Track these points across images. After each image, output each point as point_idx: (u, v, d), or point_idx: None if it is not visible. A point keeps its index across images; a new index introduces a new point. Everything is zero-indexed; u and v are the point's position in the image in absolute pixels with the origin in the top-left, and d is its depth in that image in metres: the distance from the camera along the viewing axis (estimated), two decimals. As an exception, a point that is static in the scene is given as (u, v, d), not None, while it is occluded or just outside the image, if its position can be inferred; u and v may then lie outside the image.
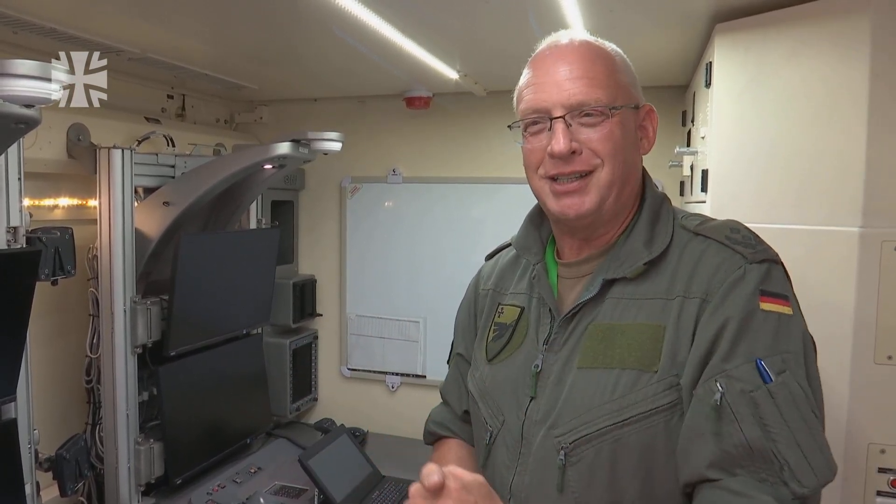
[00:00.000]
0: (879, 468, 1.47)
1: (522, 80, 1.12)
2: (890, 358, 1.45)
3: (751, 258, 0.98)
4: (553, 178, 1.07)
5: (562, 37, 1.11)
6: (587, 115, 1.04)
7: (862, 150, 1.47)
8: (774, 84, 1.64)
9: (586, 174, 1.05)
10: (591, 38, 1.11)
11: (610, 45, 1.11)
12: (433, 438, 1.36)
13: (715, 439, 0.90)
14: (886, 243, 1.45)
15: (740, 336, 0.93)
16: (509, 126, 1.14)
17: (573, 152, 1.04)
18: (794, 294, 1.00)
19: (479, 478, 0.93)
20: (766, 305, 0.94)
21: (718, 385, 0.91)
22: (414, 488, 0.92)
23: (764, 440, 0.88)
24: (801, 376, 0.92)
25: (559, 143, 1.03)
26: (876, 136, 1.46)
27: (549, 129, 1.05)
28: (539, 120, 1.07)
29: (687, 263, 1.02)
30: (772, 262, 0.99)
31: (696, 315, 0.97)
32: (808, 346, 0.96)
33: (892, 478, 1.46)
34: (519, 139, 1.12)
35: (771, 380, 0.90)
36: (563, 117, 1.04)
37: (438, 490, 0.88)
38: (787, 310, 0.96)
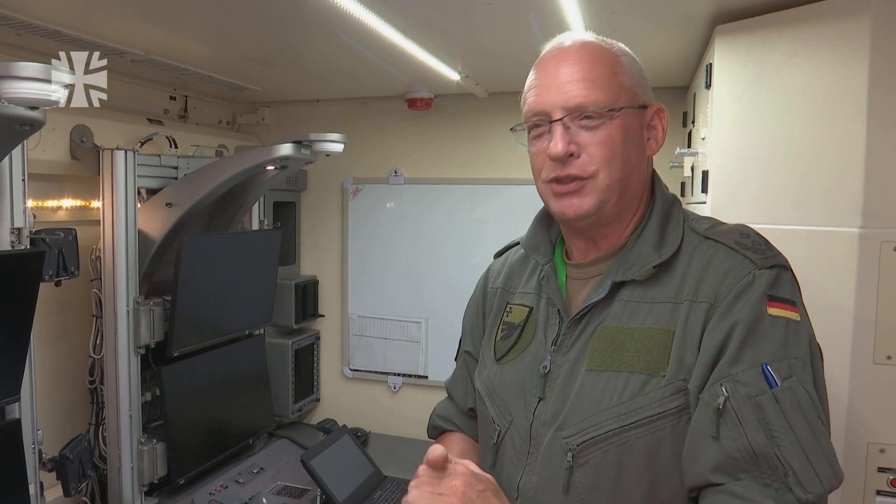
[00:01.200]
0: (879, 468, 1.47)
1: (527, 82, 1.12)
2: (889, 358, 1.46)
3: (760, 264, 0.97)
4: (554, 181, 1.07)
5: (566, 38, 1.11)
6: (587, 117, 1.03)
7: (861, 151, 1.48)
8: (774, 85, 1.64)
9: (584, 178, 1.04)
10: (596, 39, 1.10)
11: (617, 46, 1.11)
12: (437, 432, 1.37)
13: (719, 443, 0.90)
14: (885, 244, 1.45)
15: (747, 341, 0.93)
16: (511, 129, 1.13)
17: (571, 155, 1.03)
18: (801, 300, 0.99)
19: (488, 475, 0.95)
20: (773, 311, 0.94)
21: (724, 389, 0.91)
22: (421, 468, 0.93)
23: (768, 445, 0.88)
24: (808, 382, 0.92)
25: (556, 145, 1.03)
26: (875, 136, 1.47)
27: (549, 132, 1.05)
28: (540, 123, 1.07)
29: (696, 267, 1.02)
30: (781, 267, 0.99)
31: (704, 320, 0.97)
32: (815, 353, 0.96)
33: (891, 477, 1.46)
34: (523, 141, 1.12)
35: (777, 385, 0.90)
36: (561, 120, 1.03)
37: (442, 465, 0.91)
38: (794, 315, 0.95)
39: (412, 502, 0.88)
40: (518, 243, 1.31)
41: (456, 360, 1.39)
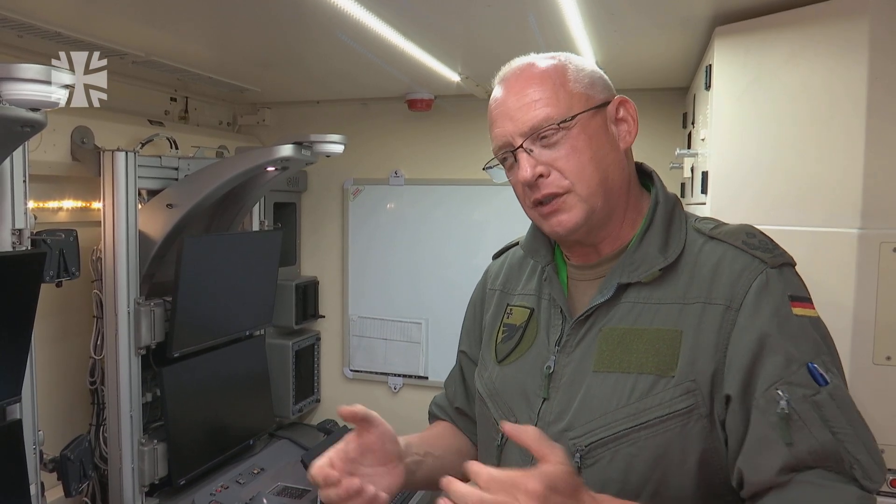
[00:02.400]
0: (879, 468, 1.48)
1: (488, 120, 1.13)
2: (889, 358, 1.46)
3: (771, 263, 0.98)
4: (538, 203, 1.08)
5: (507, 67, 1.12)
6: (544, 136, 1.04)
7: (860, 152, 1.48)
8: (774, 86, 1.65)
9: (561, 194, 1.05)
10: (534, 58, 1.11)
11: (560, 56, 1.10)
12: (433, 420, 1.40)
13: (787, 447, 0.90)
14: (885, 244, 1.45)
15: (785, 343, 0.93)
16: (483, 168, 1.15)
17: (541, 176, 1.04)
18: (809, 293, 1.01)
19: (559, 467, 0.84)
20: (797, 311, 0.96)
21: (780, 392, 0.91)
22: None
23: (834, 442, 0.89)
24: (840, 376, 0.94)
25: (524, 171, 1.04)
26: (874, 137, 1.47)
27: (516, 161, 1.06)
28: (507, 155, 1.08)
29: (704, 268, 1.02)
30: (789, 265, 1.00)
31: (721, 321, 0.97)
32: (834, 345, 0.98)
33: (891, 478, 1.47)
34: (500, 178, 1.13)
35: (827, 382, 0.91)
36: (521, 146, 1.04)
37: (356, 419, 1.02)
38: (813, 312, 0.97)
39: None
40: (517, 244, 1.31)
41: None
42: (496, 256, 1.36)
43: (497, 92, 1.10)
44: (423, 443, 1.22)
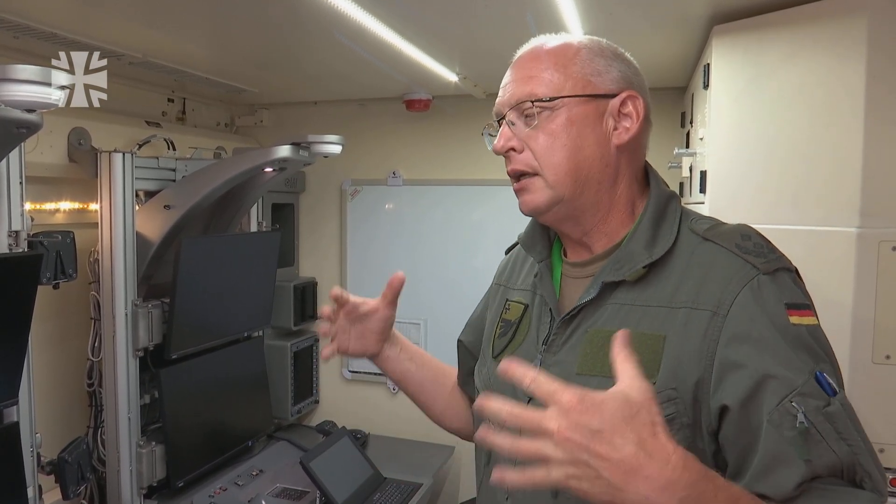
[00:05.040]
0: (878, 468, 1.48)
1: None
2: (888, 357, 1.46)
3: (763, 269, 0.94)
4: (511, 177, 1.08)
5: (526, 45, 1.11)
6: (527, 114, 1.03)
7: (859, 151, 1.48)
8: (772, 85, 1.65)
9: (531, 174, 1.04)
10: (552, 38, 1.08)
11: (581, 39, 1.07)
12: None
13: (805, 463, 0.86)
14: (884, 243, 1.45)
15: (788, 353, 0.90)
16: (481, 133, 1.15)
17: (514, 150, 1.04)
18: (811, 299, 0.97)
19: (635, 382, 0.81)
20: (794, 319, 0.92)
21: (795, 405, 0.87)
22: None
23: (850, 455, 0.86)
24: (841, 385, 0.91)
25: (496, 141, 1.05)
26: (873, 136, 1.47)
27: None
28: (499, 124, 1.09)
29: (694, 271, 0.98)
30: (785, 270, 0.96)
31: (706, 328, 0.94)
32: (833, 353, 0.95)
33: (890, 477, 1.46)
34: (490, 143, 1.14)
35: (835, 392, 0.88)
36: (505, 117, 1.05)
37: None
38: (811, 320, 0.94)
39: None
40: None
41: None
42: (508, 251, 1.36)
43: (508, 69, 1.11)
44: (416, 355, 1.45)
